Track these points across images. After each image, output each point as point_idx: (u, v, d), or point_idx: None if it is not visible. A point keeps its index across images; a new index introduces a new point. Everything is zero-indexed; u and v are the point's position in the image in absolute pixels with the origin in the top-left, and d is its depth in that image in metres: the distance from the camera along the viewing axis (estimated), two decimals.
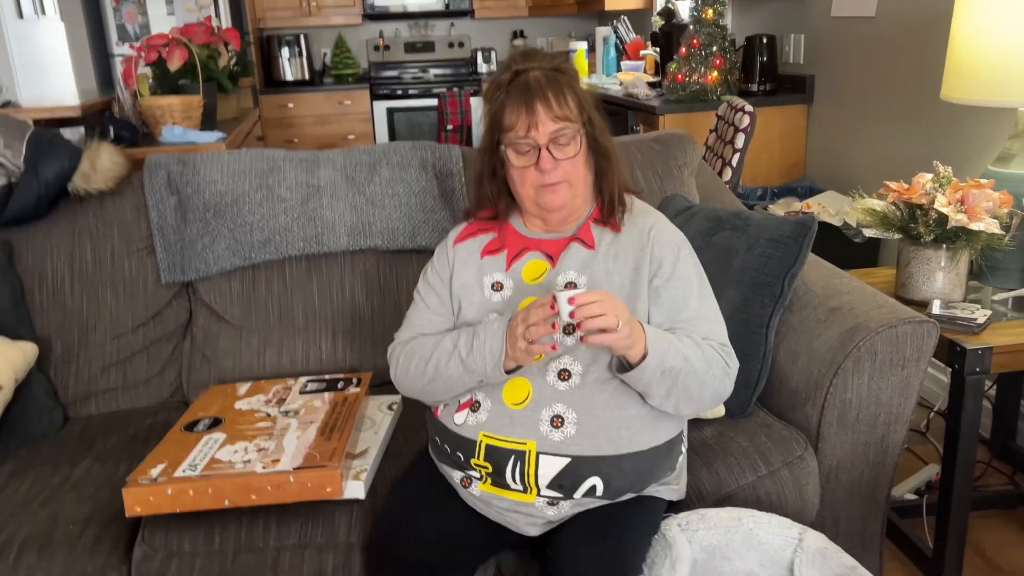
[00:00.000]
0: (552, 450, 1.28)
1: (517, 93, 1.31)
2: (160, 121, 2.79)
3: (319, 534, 1.43)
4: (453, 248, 1.46)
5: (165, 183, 1.92)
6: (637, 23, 5.13)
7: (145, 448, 1.68)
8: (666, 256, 1.37)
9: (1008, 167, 1.99)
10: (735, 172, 2.83)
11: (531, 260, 1.41)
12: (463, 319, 1.42)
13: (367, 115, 5.73)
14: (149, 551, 1.41)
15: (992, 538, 2.09)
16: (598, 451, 1.29)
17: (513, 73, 1.34)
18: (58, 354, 1.86)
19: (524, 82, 1.32)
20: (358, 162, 1.99)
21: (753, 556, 1.30)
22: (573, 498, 1.30)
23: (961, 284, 1.89)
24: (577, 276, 1.37)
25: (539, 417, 1.30)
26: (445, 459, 1.40)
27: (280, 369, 1.90)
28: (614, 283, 1.36)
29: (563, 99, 1.31)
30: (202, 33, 3.04)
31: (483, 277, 1.42)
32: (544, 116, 1.30)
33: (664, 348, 1.26)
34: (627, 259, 1.38)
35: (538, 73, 1.32)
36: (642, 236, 1.39)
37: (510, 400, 1.32)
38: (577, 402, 1.30)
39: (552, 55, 1.38)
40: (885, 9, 2.91)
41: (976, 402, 1.73)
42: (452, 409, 1.38)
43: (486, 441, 1.32)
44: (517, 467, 1.29)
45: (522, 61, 1.34)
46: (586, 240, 1.39)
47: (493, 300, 1.39)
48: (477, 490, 1.35)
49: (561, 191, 1.35)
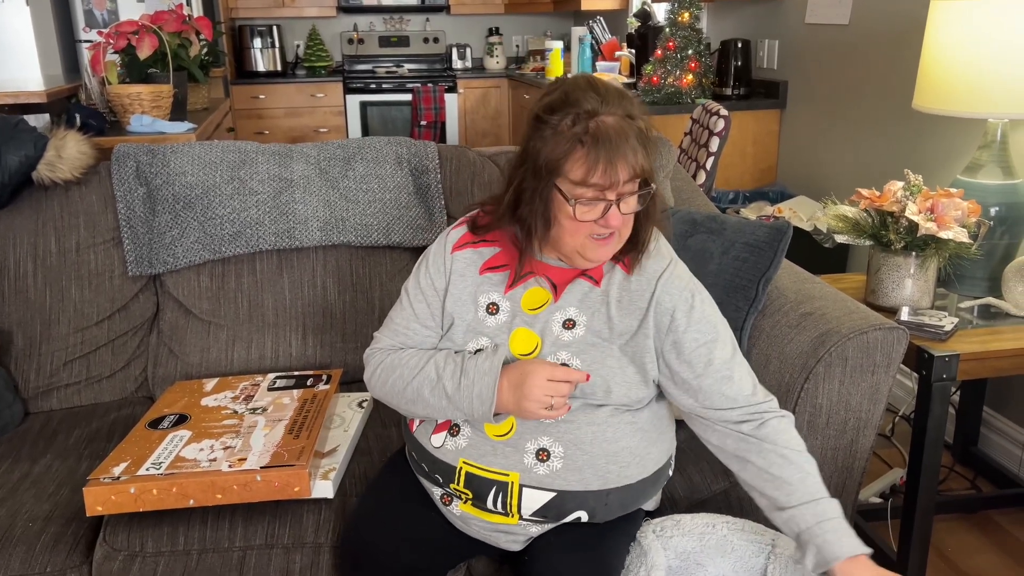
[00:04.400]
0: (536, 483, 1.23)
1: (595, 144, 1.13)
2: (128, 110, 2.74)
3: (286, 534, 1.41)
4: (451, 255, 1.33)
5: (134, 173, 1.88)
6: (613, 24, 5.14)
7: (108, 444, 1.65)
8: (678, 305, 1.26)
9: (977, 177, 2.02)
10: (709, 175, 2.84)
11: (533, 287, 1.29)
12: (451, 339, 1.31)
13: (340, 108, 5.68)
14: (111, 551, 1.38)
15: (954, 541, 2.13)
16: (585, 486, 1.23)
17: (587, 115, 1.14)
18: (19, 346, 1.81)
19: (604, 131, 1.13)
20: (332, 156, 1.97)
21: (727, 562, 1.30)
22: (560, 522, 1.27)
23: (929, 291, 1.91)
24: (577, 314, 1.26)
25: (524, 449, 1.24)
26: (423, 475, 1.36)
27: (248, 365, 1.87)
28: (615, 330, 1.26)
29: (640, 154, 1.15)
30: (173, 21, 2.98)
31: (479, 296, 1.30)
32: (623, 175, 1.14)
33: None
34: (633, 309, 1.26)
35: (616, 120, 1.14)
36: (651, 283, 1.27)
37: (492, 431, 1.25)
38: (564, 435, 1.23)
39: (620, 92, 1.18)
40: (859, 17, 2.94)
41: (942, 407, 1.75)
42: (429, 428, 1.32)
43: (466, 469, 1.26)
44: (499, 496, 1.25)
45: (595, 102, 1.15)
46: (592, 275, 1.28)
47: (487, 323, 1.28)
48: (458, 510, 1.31)
49: (612, 243, 1.22)
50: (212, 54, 3.38)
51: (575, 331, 1.26)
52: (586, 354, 1.25)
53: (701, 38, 3.58)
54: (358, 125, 5.71)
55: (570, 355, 1.25)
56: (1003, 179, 2.01)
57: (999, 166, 2.02)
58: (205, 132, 2.97)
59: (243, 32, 5.59)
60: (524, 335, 1.26)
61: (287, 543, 1.40)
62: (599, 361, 1.24)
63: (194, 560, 1.39)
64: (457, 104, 5.72)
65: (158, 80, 2.93)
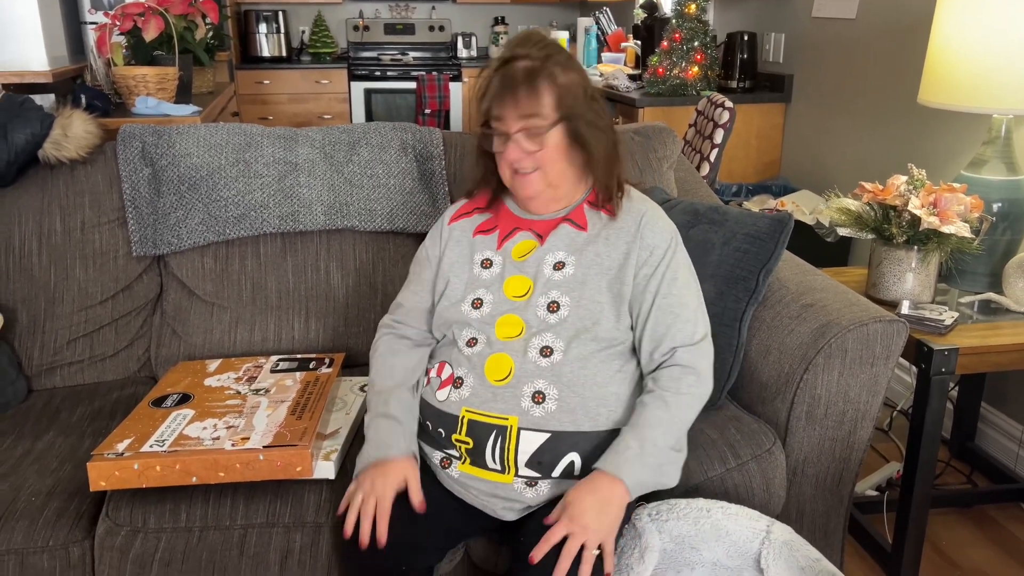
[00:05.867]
0: (533, 426, 1.30)
1: (498, 81, 1.33)
2: (134, 91, 2.74)
3: (287, 513, 1.42)
4: (448, 227, 1.50)
5: (139, 154, 1.89)
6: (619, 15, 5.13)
7: (111, 422, 1.66)
8: (658, 244, 1.39)
9: (980, 172, 2.03)
10: (713, 167, 2.85)
11: (522, 239, 1.43)
12: (450, 297, 1.43)
13: (344, 95, 5.67)
14: (113, 526, 1.39)
15: (949, 535, 2.14)
16: (577, 427, 1.31)
17: (503, 60, 1.34)
18: (23, 324, 1.82)
19: (508, 72, 1.32)
20: (337, 141, 1.97)
21: (721, 547, 1.31)
22: (552, 477, 1.31)
23: (930, 286, 1.92)
24: (566, 256, 1.38)
25: (521, 393, 1.31)
26: (425, 438, 1.41)
27: (251, 347, 1.88)
28: (603, 265, 1.37)
29: (536, 97, 1.31)
30: (179, 3, 2.98)
31: (474, 255, 1.44)
32: (512, 111, 1.32)
33: (648, 465, 1.28)
34: (619, 243, 1.39)
35: (524, 64, 1.32)
36: (636, 221, 1.40)
37: (492, 377, 1.33)
38: (558, 378, 1.32)
39: (547, 43, 1.36)
40: (866, 12, 2.94)
41: (940, 401, 1.76)
42: (434, 386, 1.40)
43: (468, 416, 1.33)
44: (498, 443, 1.30)
45: (516, 46, 1.35)
46: (578, 221, 1.41)
47: (482, 277, 1.41)
48: (456, 471, 1.36)
49: (532, 181, 1.36)
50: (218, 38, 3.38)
51: (565, 271, 1.37)
52: (575, 292, 1.36)
53: (707, 30, 3.57)
54: (362, 112, 5.69)
55: (560, 293, 1.36)
56: (1007, 175, 2.01)
57: (1003, 162, 2.02)
58: (210, 116, 2.98)
59: (249, 17, 5.58)
60: (517, 281, 1.38)
61: (288, 522, 1.42)
62: (588, 297, 1.35)
63: (195, 537, 1.40)
64: (462, 93, 5.71)
65: (163, 63, 2.94)
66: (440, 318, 1.45)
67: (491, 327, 1.37)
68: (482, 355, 1.35)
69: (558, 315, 1.34)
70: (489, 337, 1.36)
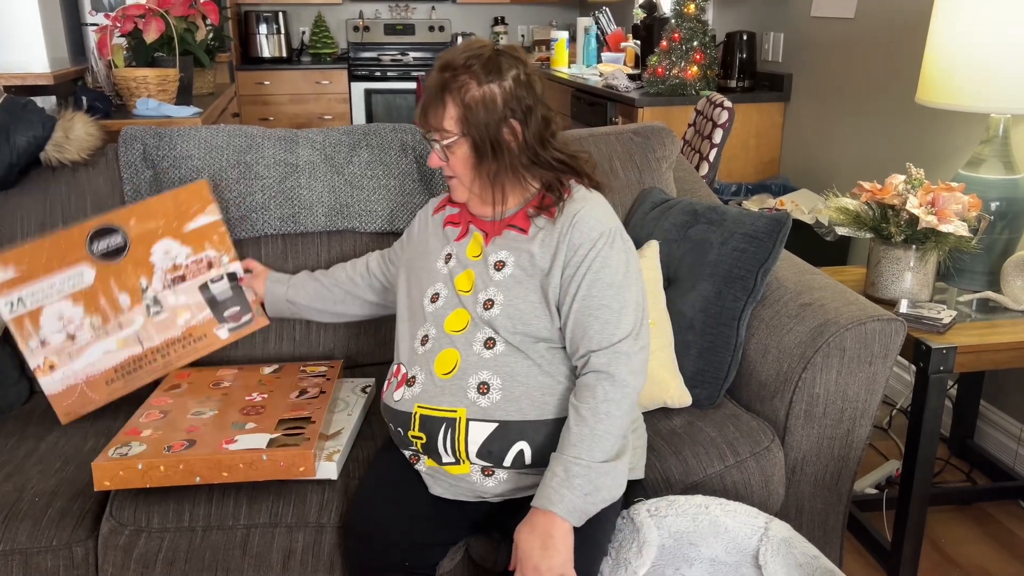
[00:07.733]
0: (480, 416, 1.33)
1: (424, 91, 1.40)
2: (134, 93, 2.75)
3: (290, 513, 1.43)
4: (432, 216, 1.56)
5: (141, 156, 1.90)
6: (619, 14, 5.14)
7: (113, 423, 1.67)
8: (582, 243, 1.35)
9: (978, 172, 2.03)
10: (712, 167, 2.85)
11: (473, 238, 1.47)
12: (418, 286, 1.48)
13: (344, 96, 5.68)
14: (117, 526, 1.40)
15: (948, 533, 2.15)
16: (523, 416, 1.33)
17: (432, 69, 1.41)
18: None
19: (427, 83, 1.40)
20: (337, 142, 1.98)
21: (719, 543, 1.32)
22: (504, 467, 1.33)
23: (928, 284, 1.93)
24: (507, 256, 1.41)
25: (467, 384, 1.34)
26: (396, 438, 1.45)
27: (252, 351, 1.89)
28: (536, 266, 1.38)
29: (441, 111, 1.35)
30: (180, 5, 2.99)
31: (443, 249, 1.49)
32: (422, 123, 1.40)
33: (578, 488, 1.24)
34: (550, 244, 1.38)
35: (435, 77, 1.37)
36: (567, 220, 1.38)
37: (440, 371, 1.37)
38: (501, 368, 1.34)
39: (474, 55, 1.35)
40: (864, 11, 2.95)
41: (939, 399, 1.77)
42: (392, 388, 1.44)
43: (420, 412, 1.36)
44: (448, 435, 1.33)
45: (445, 56, 1.38)
46: (519, 225, 1.42)
47: (442, 272, 1.46)
48: (424, 465, 1.40)
49: (454, 186, 1.44)
50: (218, 39, 3.39)
51: (504, 271, 1.40)
52: (511, 291, 1.38)
53: (707, 30, 3.58)
54: (362, 113, 5.71)
55: (496, 291, 1.39)
56: (1004, 174, 2.02)
57: (1001, 161, 2.03)
58: (210, 117, 2.99)
59: (249, 18, 5.59)
60: (465, 275, 1.43)
61: (290, 522, 1.43)
62: (521, 296, 1.37)
63: (199, 536, 1.41)
64: None
65: (164, 64, 2.95)
66: (407, 295, 1.51)
67: (442, 320, 1.41)
68: (432, 351, 1.39)
69: (491, 312, 1.37)
70: (439, 330, 1.40)
